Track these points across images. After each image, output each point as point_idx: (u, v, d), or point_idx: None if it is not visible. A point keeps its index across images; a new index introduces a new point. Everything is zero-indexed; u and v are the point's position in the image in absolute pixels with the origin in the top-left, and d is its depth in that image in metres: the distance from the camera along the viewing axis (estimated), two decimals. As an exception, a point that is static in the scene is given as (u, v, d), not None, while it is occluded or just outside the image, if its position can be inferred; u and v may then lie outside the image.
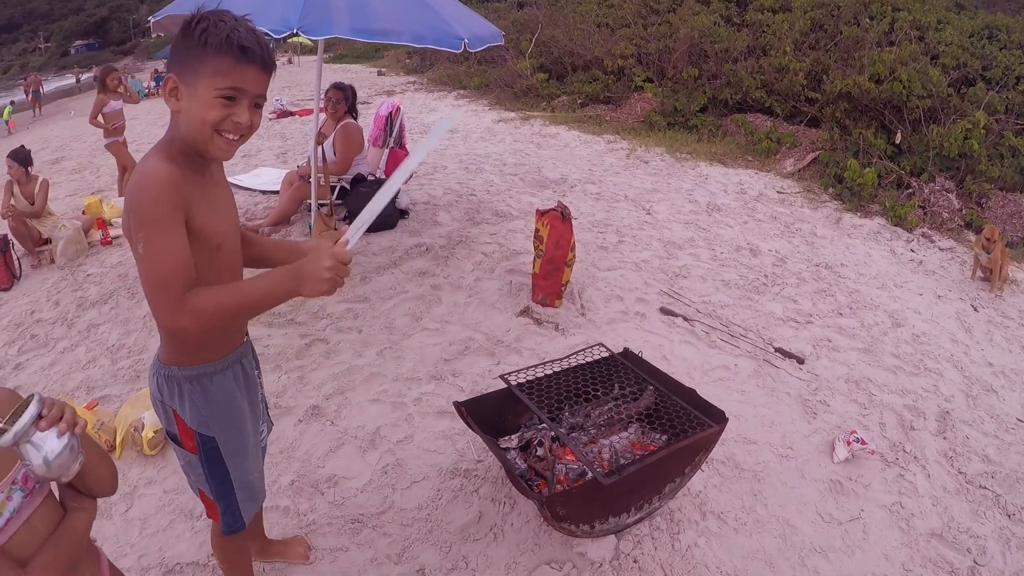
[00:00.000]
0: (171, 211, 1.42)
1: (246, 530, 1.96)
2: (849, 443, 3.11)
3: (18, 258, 5.55)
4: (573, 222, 4.31)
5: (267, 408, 2.09)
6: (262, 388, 2.00)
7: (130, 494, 2.93)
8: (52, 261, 5.70)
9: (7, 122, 21.72)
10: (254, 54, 1.45)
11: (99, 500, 1.46)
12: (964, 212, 6.91)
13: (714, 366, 3.79)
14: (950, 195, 7.10)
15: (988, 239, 5.10)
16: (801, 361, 3.89)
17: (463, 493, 2.81)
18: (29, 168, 5.75)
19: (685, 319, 4.27)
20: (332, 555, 2.51)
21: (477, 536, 2.59)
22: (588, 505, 2.23)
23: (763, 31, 11.42)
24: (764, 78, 10.29)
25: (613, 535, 2.47)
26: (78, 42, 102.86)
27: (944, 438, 3.38)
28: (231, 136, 1.49)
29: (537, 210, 4.34)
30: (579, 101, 12.52)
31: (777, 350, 3.97)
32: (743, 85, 10.37)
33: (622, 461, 2.37)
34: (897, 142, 8.08)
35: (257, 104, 1.51)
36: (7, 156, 5.77)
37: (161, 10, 4.63)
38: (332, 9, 3.97)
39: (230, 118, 1.47)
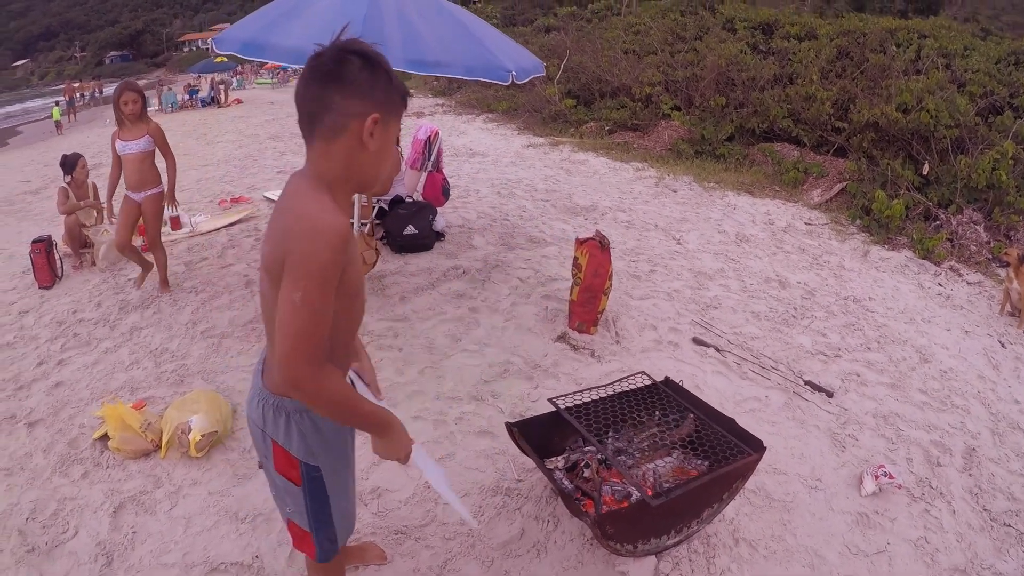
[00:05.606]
0: (337, 272, 1.43)
1: (340, 555, 1.99)
2: (877, 477, 3.17)
3: (60, 258, 5.78)
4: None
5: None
6: None
7: (175, 493, 3.04)
8: (93, 264, 5.94)
9: (57, 123, 22.57)
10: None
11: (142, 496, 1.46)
12: (992, 245, 6.91)
13: (746, 397, 3.88)
14: (978, 227, 7.11)
15: None
16: (830, 395, 3.97)
17: (505, 511, 2.88)
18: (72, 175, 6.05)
19: (717, 350, 4.38)
20: (375, 566, 2.60)
21: (519, 552, 2.67)
22: (634, 525, 2.36)
23: (789, 59, 11.52)
24: (791, 107, 10.36)
25: (654, 556, 2.58)
26: (112, 53, 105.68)
27: (970, 475, 3.42)
28: None
29: (576, 239, 4.47)
30: (607, 128, 12.66)
31: (807, 383, 4.05)
32: (770, 114, 10.45)
33: (665, 485, 2.49)
34: (924, 173, 8.10)
35: None
36: (72, 157, 6.10)
37: (223, 36, 4.59)
38: (387, 41, 4.09)
39: None
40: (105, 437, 3.39)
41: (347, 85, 1.44)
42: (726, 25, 13.99)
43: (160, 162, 5.01)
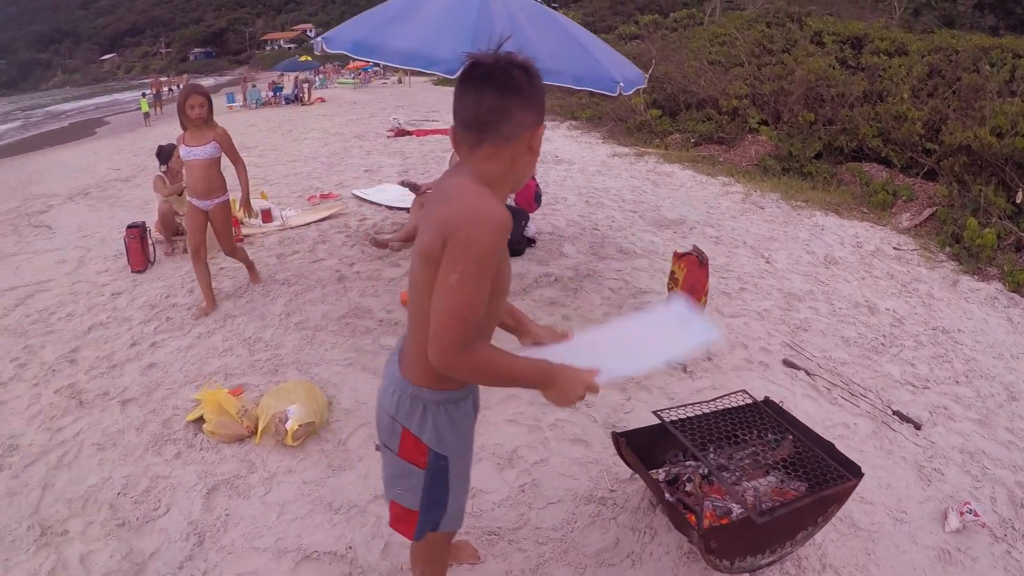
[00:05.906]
0: (496, 259, 1.50)
1: (446, 547, 2.10)
2: (962, 514, 3.16)
3: (152, 244, 6.10)
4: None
5: None
6: None
7: (269, 479, 3.14)
8: (184, 251, 6.17)
9: (146, 115, 23.82)
10: None
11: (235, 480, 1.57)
12: (1086, 282, 6.71)
13: (835, 423, 3.92)
14: (1071, 263, 6.92)
15: None
16: (919, 427, 3.98)
17: (600, 519, 2.95)
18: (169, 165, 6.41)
19: (808, 373, 4.43)
20: (468, 564, 2.69)
21: (613, 561, 2.73)
22: (736, 541, 2.48)
23: (879, 76, 11.23)
24: (880, 125, 10.12)
25: (748, 574, 2.67)
26: (196, 50, 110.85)
27: (1053, 520, 3.39)
28: None
29: (675, 252, 4.53)
30: (692, 140, 12.58)
31: (895, 413, 4.08)
32: (859, 132, 10.22)
33: (765, 504, 2.60)
34: (1018, 201, 7.86)
35: None
36: (167, 148, 6.44)
37: (332, 35, 4.61)
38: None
39: None
40: (199, 420, 3.48)
41: (525, 99, 1.55)
42: (814, 38, 13.75)
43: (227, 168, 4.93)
